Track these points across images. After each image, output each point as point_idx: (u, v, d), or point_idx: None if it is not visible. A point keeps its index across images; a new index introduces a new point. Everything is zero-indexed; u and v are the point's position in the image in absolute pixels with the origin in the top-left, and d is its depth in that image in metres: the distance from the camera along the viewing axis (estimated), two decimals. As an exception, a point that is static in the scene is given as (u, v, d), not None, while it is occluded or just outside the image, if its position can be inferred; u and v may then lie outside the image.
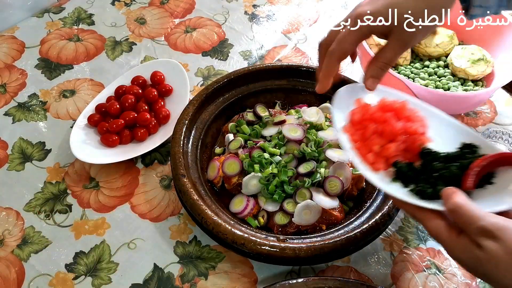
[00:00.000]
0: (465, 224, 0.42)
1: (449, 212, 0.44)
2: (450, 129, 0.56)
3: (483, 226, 0.40)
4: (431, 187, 0.49)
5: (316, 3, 1.06)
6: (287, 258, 0.57)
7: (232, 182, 0.66)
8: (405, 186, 0.51)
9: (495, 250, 0.40)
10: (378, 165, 0.52)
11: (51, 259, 0.63)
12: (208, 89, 0.74)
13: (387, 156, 0.52)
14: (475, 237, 0.41)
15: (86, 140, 0.73)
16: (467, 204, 0.42)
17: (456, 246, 0.43)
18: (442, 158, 0.52)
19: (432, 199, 0.48)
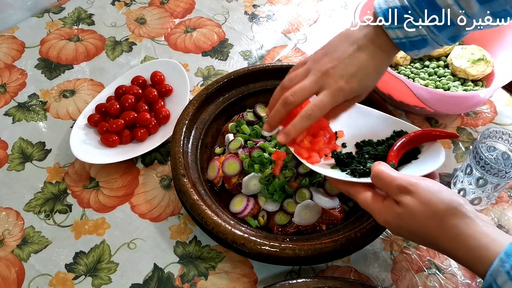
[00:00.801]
0: (385, 186, 0.47)
1: (373, 178, 0.49)
2: (384, 122, 0.64)
3: (399, 184, 0.46)
4: (362, 166, 0.56)
5: (316, 3, 1.06)
6: (287, 258, 0.57)
7: (232, 182, 0.66)
8: (343, 171, 0.57)
9: (411, 203, 0.45)
10: (313, 159, 0.57)
11: (51, 259, 0.63)
12: (208, 89, 0.74)
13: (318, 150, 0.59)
14: (395, 196, 0.46)
15: (86, 140, 0.73)
16: (386, 169, 0.48)
17: (382, 210, 0.48)
18: (374, 144, 0.61)
19: (363, 176, 0.54)
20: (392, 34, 0.53)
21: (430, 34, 0.52)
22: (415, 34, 0.53)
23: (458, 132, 0.81)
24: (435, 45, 0.54)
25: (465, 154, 0.77)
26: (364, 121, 0.65)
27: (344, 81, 0.54)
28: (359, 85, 0.55)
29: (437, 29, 0.52)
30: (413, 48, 0.54)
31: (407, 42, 0.53)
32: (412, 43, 0.54)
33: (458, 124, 0.82)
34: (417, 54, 0.56)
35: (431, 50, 0.56)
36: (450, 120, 0.83)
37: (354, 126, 0.64)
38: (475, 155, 0.62)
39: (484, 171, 0.61)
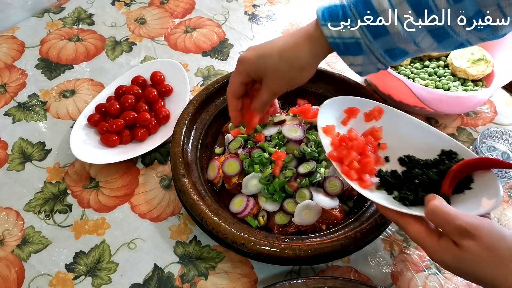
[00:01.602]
0: (443, 224, 0.44)
1: (428, 214, 0.46)
2: (431, 137, 0.59)
3: (459, 225, 0.43)
4: (413, 193, 0.52)
5: (316, 3, 1.05)
6: (287, 258, 0.57)
7: (232, 182, 0.66)
8: (389, 194, 0.54)
9: (474, 248, 0.42)
10: (366, 183, 0.54)
11: (51, 259, 0.63)
12: (208, 89, 0.74)
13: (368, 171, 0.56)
14: (454, 237, 0.43)
15: (86, 140, 0.73)
16: (443, 205, 0.45)
17: (437, 249, 0.45)
18: (422, 164, 0.56)
19: (413, 205, 0.51)
20: (326, 32, 0.51)
21: (364, 39, 0.50)
22: (349, 35, 0.50)
23: (458, 132, 0.81)
24: (371, 57, 0.51)
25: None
26: (407, 132, 0.60)
27: (247, 52, 0.55)
28: (256, 58, 0.54)
29: (371, 34, 0.49)
30: (347, 52, 0.52)
31: (340, 43, 0.51)
32: (346, 46, 0.51)
33: (458, 124, 0.82)
34: (354, 64, 0.53)
35: (371, 65, 0.53)
36: (450, 120, 0.83)
37: (396, 137, 0.60)
38: (475, 155, 0.62)
39: (484, 171, 0.61)
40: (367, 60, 0.52)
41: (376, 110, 0.61)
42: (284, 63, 0.54)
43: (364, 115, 0.62)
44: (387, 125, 0.61)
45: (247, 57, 0.55)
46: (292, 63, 0.54)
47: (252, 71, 0.55)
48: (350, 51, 0.51)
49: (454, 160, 0.55)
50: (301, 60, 0.54)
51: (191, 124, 0.71)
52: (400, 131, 0.60)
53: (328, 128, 0.58)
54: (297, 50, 0.53)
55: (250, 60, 0.55)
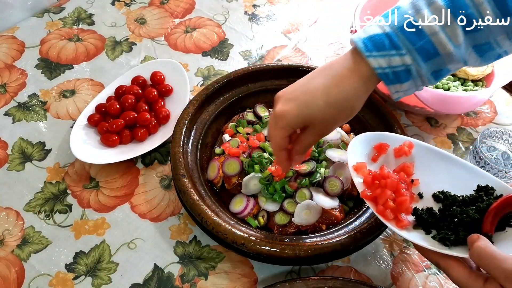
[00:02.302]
0: (489, 267, 0.43)
1: (473, 256, 0.45)
2: (465, 172, 0.57)
3: (506, 269, 0.41)
4: (453, 233, 0.50)
5: (316, 3, 1.06)
6: (287, 258, 0.57)
7: (232, 182, 0.66)
8: (427, 233, 0.52)
9: None
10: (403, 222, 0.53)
11: (51, 259, 0.63)
12: (208, 89, 0.74)
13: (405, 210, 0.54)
14: (501, 281, 0.42)
15: (86, 140, 0.73)
16: (489, 247, 0.44)
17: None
18: (459, 202, 0.54)
19: (454, 245, 0.49)
20: (374, 63, 0.49)
21: (415, 64, 0.48)
22: (399, 63, 0.48)
23: (458, 132, 0.81)
24: (417, 81, 0.50)
25: (465, 154, 0.77)
26: (439, 166, 0.58)
27: (285, 104, 0.51)
28: (299, 110, 0.50)
29: (422, 58, 0.48)
30: (396, 81, 0.50)
31: (390, 72, 0.49)
32: (395, 75, 0.49)
33: (458, 124, 0.82)
34: (398, 91, 0.51)
35: (413, 89, 0.52)
36: (450, 120, 0.83)
37: (428, 172, 0.58)
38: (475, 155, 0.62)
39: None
40: (412, 84, 0.51)
41: (406, 145, 0.60)
42: (333, 108, 0.50)
43: (394, 151, 0.60)
44: (418, 160, 0.59)
45: (288, 111, 0.50)
46: (342, 106, 0.51)
47: (296, 124, 0.51)
48: (400, 78, 0.50)
49: (492, 196, 0.53)
50: (351, 101, 0.51)
51: (191, 124, 0.71)
52: (432, 166, 0.59)
53: (359, 166, 0.57)
54: (344, 91, 0.50)
55: (292, 114, 0.50)
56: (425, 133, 0.80)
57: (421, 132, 0.80)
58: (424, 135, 0.80)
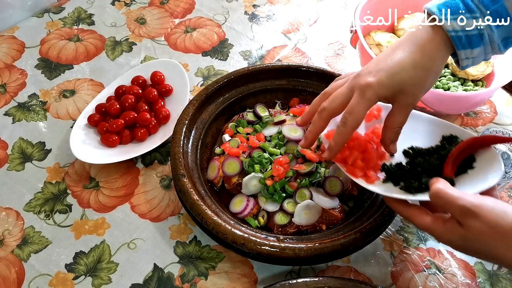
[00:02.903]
0: (446, 206, 0.46)
1: (432, 197, 0.47)
2: (431, 126, 0.61)
3: (462, 205, 0.44)
4: (416, 180, 0.53)
5: (316, 3, 1.06)
6: (287, 258, 0.57)
7: (232, 182, 0.66)
8: (396, 185, 0.55)
9: (477, 227, 0.43)
10: (371, 178, 0.56)
11: (51, 259, 0.63)
12: (208, 89, 0.74)
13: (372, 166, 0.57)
14: (458, 218, 0.45)
15: (86, 140, 0.73)
16: (446, 187, 0.47)
17: (444, 231, 0.47)
18: (424, 153, 0.58)
19: (418, 192, 0.52)
20: (448, 27, 0.50)
21: (487, 29, 0.50)
22: (473, 27, 0.50)
23: (458, 132, 0.81)
24: (487, 48, 0.52)
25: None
26: (408, 125, 0.59)
27: (371, 76, 0.51)
28: (388, 78, 0.50)
29: (494, 22, 0.50)
30: (468, 45, 0.51)
31: (463, 36, 0.50)
32: (468, 39, 0.50)
33: (458, 124, 0.82)
34: (468, 58, 0.52)
35: (482, 57, 0.53)
36: (450, 120, 0.83)
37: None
38: (475, 155, 0.62)
39: (484, 171, 0.61)
40: (482, 51, 0.52)
41: (374, 109, 0.62)
42: (421, 70, 0.51)
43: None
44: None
45: (376, 81, 0.50)
46: (429, 67, 0.51)
47: (386, 93, 0.51)
48: (472, 43, 0.51)
49: (454, 144, 0.56)
50: (436, 62, 0.52)
51: (191, 124, 0.71)
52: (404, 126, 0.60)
53: (329, 134, 0.59)
54: (429, 54, 0.51)
55: (381, 82, 0.50)
56: (425, 133, 0.80)
57: (421, 132, 0.80)
58: (424, 135, 0.80)
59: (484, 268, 0.64)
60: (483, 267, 0.64)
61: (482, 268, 0.64)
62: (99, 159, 0.70)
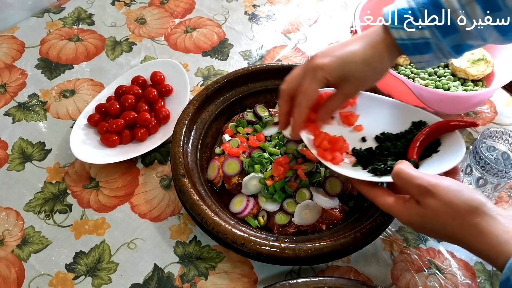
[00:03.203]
0: (406, 185, 0.48)
1: (393, 177, 0.49)
2: (403, 112, 0.63)
3: (420, 184, 0.46)
4: (382, 164, 0.55)
5: (316, 3, 1.06)
6: (287, 258, 0.57)
7: (232, 182, 0.66)
8: (364, 169, 0.57)
9: (433, 204, 0.45)
10: (337, 159, 0.57)
11: (51, 259, 0.63)
12: (208, 89, 0.74)
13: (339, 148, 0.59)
14: (417, 197, 0.47)
15: (86, 140, 0.73)
16: (407, 168, 0.49)
17: (404, 211, 0.49)
18: (393, 137, 0.60)
19: (385, 175, 0.54)
20: (396, 34, 0.53)
21: (433, 38, 0.52)
22: (418, 36, 0.52)
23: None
24: (439, 54, 0.54)
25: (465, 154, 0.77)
26: (381, 111, 0.63)
27: (325, 58, 0.54)
28: (339, 65, 0.54)
29: (441, 33, 0.52)
30: (416, 52, 0.54)
31: (409, 44, 0.53)
32: (415, 46, 0.53)
33: (458, 124, 0.82)
34: (420, 62, 0.55)
35: (436, 60, 0.55)
36: (450, 120, 0.83)
37: (372, 118, 0.63)
38: (475, 155, 0.62)
39: (484, 171, 0.61)
40: (433, 57, 0.55)
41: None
42: (368, 67, 0.55)
43: None
44: (362, 108, 0.64)
45: (328, 64, 0.54)
46: (376, 66, 0.55)
47: (333, 77, 0.54)
48: (419, 50, 0.54)
49: (421, 129, 0.58)
50: (384, 65, 0.56)
51: (191, 124, 0.71)
52: (375, 112, 0.64)
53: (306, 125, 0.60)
54: (379, 57, 0.55)
55: (331, 66, 0.54)
56: (425, 133, 0.80)
57: (421, 132, 0.80)
58: (424, 135, 0.80)
59: (484, 268, 0.64)
60: (483, 267, 0.64)
61: (482, 268, 0.64)
62: (99, 159, 0.70)
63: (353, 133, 0.63)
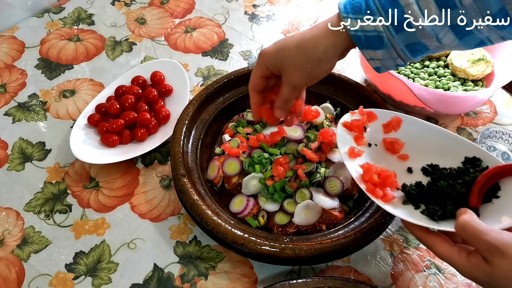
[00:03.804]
0: (473, 241, 0.44)
1: (457, 229, 0.45)
2: (452, 143, 0.58)
3: (488, 241, 0.42)
4: (441, 208, 0.50)
5: (316, 3, 1.06)
6: (287, 258, 0.57)
7: (232, 182, 0.66)
8: (416, 208, 0.53)
9: (504, 266, 0.41)
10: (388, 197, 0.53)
11: (51, 259, 0.63)
12: (208, 89, 0.74)
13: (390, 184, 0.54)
14: (484, 254, 0.43)
15: (86, 140, 0.73)
16: (474, 221, 0.44)
17: (468, 266, 0.45)
18: (447, 175, 0.55)
19: (442, 219, 0.50)
20: (348, 24, 0.51)
21: (387, 32, 0.50)
22: (371, 28, 0.50)
23: (458, 132, 0.81)
24: (392, 52, 0.51)
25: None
26: (428, 139, 0.59)
27: (268, 47, 0.56)
28: (275, 51, 0.55)
29: (394, 28, 0.49)
30: (368, 46, 0.51)
31: (362, 36, 0.51)
32: (368, 40, 0.51)
33: (458, 124, 0.82)
34: (373, 59, 0.53)
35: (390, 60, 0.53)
36: (450, 120, 0.83)
37: (417, 146, 0.59)
38: (475, 155, 0.62)
39: (484, 171, 0.61)
40: (387, 54, 0.52)
41: (394, 120, 0.60)
42: (301, 53, 0.53)
43: (383, 127, 0.61)
44: (407, 134, 0.60)
45: (266, 50, 0.56)
46: (309, 54, 0.53)
47: (271, 64, 0.56)
48: (372, 44, 0.51)
49: (478, 168, 0.54)
50: (318, 50, 0.53)
51: (191, 124, 0.71)
52: (421, 140, 0.59)
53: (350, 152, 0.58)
54: (314, 41, 0.53)
55: (269, 53, 0.55)
56: (425, 133, 0.80)
57: (421, 132, 0.80)
58: (424, 135, 0.80)
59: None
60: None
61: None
62: (99, 159, 0.70)
63: (398, 162, 0.59)
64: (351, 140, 0.59)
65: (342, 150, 0.58)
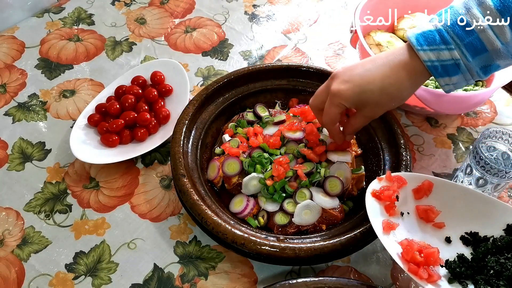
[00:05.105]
0: None
1: None
2: (490, 207, 0.56)
3: None
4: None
5: (316, 3, 1.06)
6: (287, 258, 0.57)
7: (232, 182, 0.66)
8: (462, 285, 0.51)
9: None
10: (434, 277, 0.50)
11: (51, 259, 0.63)
12: (208, 89, 0.74)
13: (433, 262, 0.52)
14: None
15: (86, 140, 0.73)
16: None
17: None
18: (492, 248, 0.52)
19: None
20: (424, 56, 0.53)
21: (463, 59, 0.52)
22: (448, 57, 0.52)
23: (458, 132, 0.81)
24: (467, 75, 0.53)
25: (465, 154, 0.77)
26: (463, 203, 0.56)
27: (342, 84, 0.56)
28: (355, 93, 0.55)
29: (470, 53, 0.51)
30: (445, 74, 0.53)
31: (439, 65, 0.52)
32: (444, 68, 0.52)
33: (458, 124, 0.82)
34: (448, 84, 0.55)
35: (463, 82, 0.54)
36: (450, 120, 0.83)
37: (452, 211, 0.57)
38: (475, 155, 0.62)
39: (484, 171, 0.61)
40: (462, 78, 0.54)
41: (425, 185, 0.59)
42: (386, 97, 0.56)
43: (413, 192, 0.60)
44: (440, 199, 0.58)
45: (344, 91, 0.56)
46: (394, 96, 0.56)
47: (350, 104, 0.57)
48: (448, 72, 0.53)
49: None
50: (403, 93, 0.56)
51: (191, 124, 0.71)
52: (456, 205, 0.57)
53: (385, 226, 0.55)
54: (399, 85, 0.55)
55: (347, 94, 0.56)
56: (425, 133, 0.80)
57: (421, 132, 0.80)
58: (424, 135, 0.80)
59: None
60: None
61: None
62: (99, 159, 0.70)
63: (434, 231, 0.56)
64: (382, 211, 0.56)
65: (374, 224, 0.54)
